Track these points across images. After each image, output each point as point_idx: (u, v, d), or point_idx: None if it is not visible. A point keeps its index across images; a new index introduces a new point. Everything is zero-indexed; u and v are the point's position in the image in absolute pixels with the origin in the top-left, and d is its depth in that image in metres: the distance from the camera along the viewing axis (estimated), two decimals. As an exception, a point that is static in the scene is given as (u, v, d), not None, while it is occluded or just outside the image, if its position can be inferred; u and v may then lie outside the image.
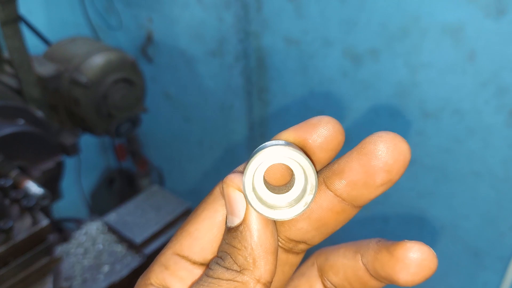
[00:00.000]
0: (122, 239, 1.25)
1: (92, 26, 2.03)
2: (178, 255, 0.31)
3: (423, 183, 1.47)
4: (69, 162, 1.90)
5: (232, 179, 0.28)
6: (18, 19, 1.28)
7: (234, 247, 0.27)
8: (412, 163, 1.46)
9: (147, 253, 1.21)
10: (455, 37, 1.22)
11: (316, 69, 1.54)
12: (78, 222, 1.50)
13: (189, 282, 0.30)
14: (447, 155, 1.38)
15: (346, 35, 1.41)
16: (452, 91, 1.30)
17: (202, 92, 1.92)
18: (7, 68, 1.37)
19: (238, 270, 0.27)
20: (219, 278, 0.27)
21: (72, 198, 2.21)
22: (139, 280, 0.32)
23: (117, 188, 2.43)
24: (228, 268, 0.27)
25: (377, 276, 0.30)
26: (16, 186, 1.07)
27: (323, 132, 0.28)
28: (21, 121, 1.23)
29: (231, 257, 0.27)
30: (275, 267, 0.28)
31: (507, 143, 1.26)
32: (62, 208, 2.01)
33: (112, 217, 1.32)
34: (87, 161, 2.29)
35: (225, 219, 0.30)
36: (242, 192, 0.27)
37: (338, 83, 1.51)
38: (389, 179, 0.26)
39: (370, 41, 1.37)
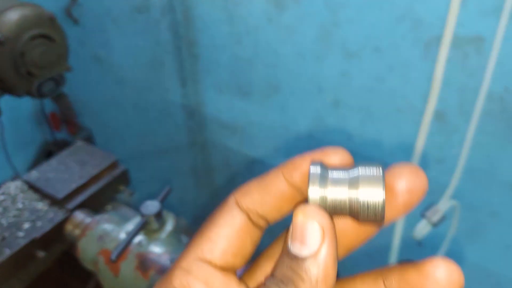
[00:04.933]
0: (44, 196, 1.21)
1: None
2: (200, 259, 0.32)
3: (351, 124, 1.50)
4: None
5: (310, 210, 0.29)
6: None
7: (299, 275, 0.28)
8: (339, 105, 1.49)
9: (70, 207, 1.17)
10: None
11: (241, 17, 1.52)
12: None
13: (213, 285, 0.32)
14: (371, 95, 1.41)
15: (267, -21, 1.41)
16: (371, 29, 1.32)
17: (132, 51, 1.87)
18: None
19: None
20: None
21: (8, 175, 2.13)
22: (158, 284, 0.33)
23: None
24: None
25: None
26: None
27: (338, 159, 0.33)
28: None
29: (294, 284, 0.28)
30: None
31: (424, 76, 1.29)
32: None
33: (32, 175, 1.27)
34: (22, 137, 2.21)
35: (243, 226, 0.33)
36: (319, 224, 0.28)
37: (264, 30, 1.50)
38: (409, 200, 0.31)
39: (291, -16, 1.37)
